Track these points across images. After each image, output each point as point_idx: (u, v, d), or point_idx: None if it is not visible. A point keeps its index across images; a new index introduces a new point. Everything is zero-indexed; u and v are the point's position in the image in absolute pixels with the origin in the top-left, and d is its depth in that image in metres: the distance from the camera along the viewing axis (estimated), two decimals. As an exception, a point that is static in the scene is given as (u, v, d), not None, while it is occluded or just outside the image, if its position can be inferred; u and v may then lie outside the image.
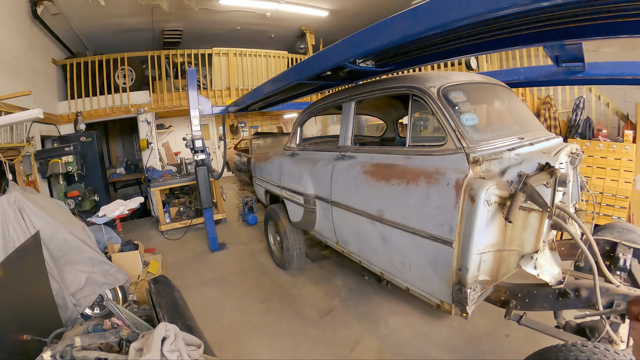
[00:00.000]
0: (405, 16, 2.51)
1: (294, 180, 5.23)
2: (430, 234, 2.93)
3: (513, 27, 2.78)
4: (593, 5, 2.19)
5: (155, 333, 2.33)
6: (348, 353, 4.02)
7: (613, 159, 6.78)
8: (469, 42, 3.26)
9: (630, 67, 4.62)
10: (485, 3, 2.07)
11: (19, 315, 2.94)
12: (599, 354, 2.12)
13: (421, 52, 3.65)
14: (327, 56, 3.74)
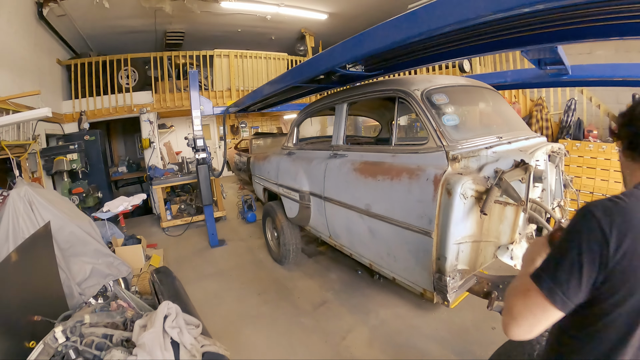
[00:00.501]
0: (386, 26, 2.76)
1: (290, 177, 5.42)
2: (412, 225, 3.13)
3: (491, 33, 2.92)
4: (562, 12, 2.36)
5: (158, 310, 2.56)
6: (339, 341, 4.21)
7: (603, 159, 6.92)
8: (450, 48, 3.44)
9: (613, 69, 4.82)
10: (433, 21, 2.38)
11: (31, 298, 3.12)
12: None
13: (406, 57, 3.83)
14: (319, 62, 3.96)
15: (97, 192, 8.67)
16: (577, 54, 8.78)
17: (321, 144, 5.42)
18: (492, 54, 4.14)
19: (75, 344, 2.38)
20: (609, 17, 2.44)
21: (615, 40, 2.87)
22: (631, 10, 2.25)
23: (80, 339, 2.42)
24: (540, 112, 8.20)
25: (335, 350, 4.08)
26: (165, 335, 2.44)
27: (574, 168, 7.34)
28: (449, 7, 2.28)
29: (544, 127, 8.20)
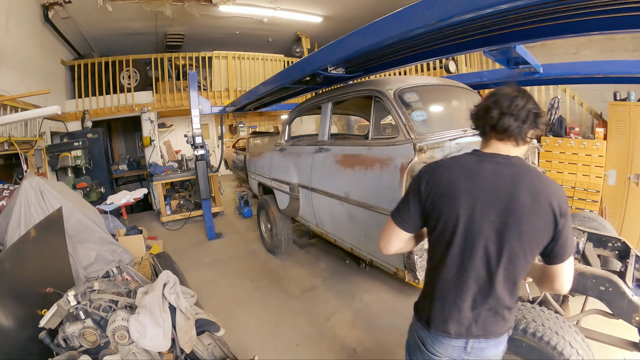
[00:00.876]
0: (357, 34, 3.16)
1: (281, 171, 5.78)
2: (383, 209, 3.50)
3: (452, 36, 3.22)
4: (507, 16, 2.58)
5: (159, 278, 2.96)
6: (324, 322, 4.59)
7: (584, 155, 7.14)
8: (417, 52, 3.76)
9: (582, 67, 5.08)
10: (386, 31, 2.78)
11: (44, 273, 3.43)
12: (524, 309, 2.58)
13: (381, 60, 4.16)
14: (303, 65, 4.37)
15: (100, 187, 8.98)
16: (564, 54, 9.10)
17: (309, 139, 5.77)
18: (457, 55, 4.40)
19: (85, 307, 2.74)
20: (562, 16, 2.64)
21: (572, 37, 3.08)
22: (580, 8, 2.43)
23: (90, 302, 2.79)
24: (525, 110, 8.41)
25: (319, 330, 4.44)
26: (164, 300, 2.82)
27: (556, 164, 7.60)
28: (400, 20, 2.66)
29: (527, 125, 8.38)
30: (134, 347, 2.60)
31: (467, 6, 2.15)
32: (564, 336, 2.34)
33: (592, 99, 7.93)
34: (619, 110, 6.64)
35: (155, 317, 2.63)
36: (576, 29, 2.73)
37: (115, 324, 2.58)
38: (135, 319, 2.58)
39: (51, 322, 2.67)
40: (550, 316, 2.51)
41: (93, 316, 2.74)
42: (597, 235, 3.82)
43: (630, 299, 2.67)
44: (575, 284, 2.72)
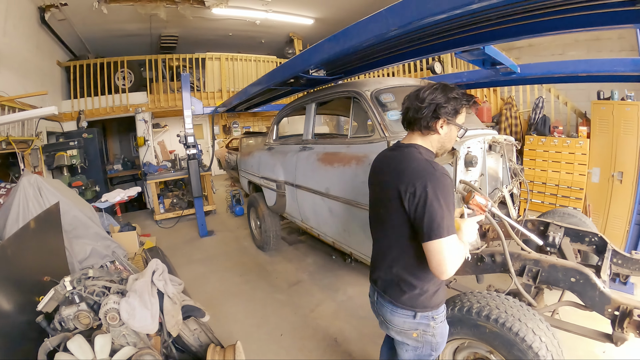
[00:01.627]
0: (331, 40, 3.40)
1: (269, 169, 5.99)
2: (359, 203, 3.74)
3: (419, 40, 3.34)
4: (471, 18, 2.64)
5: (148, 266, 3.23)
6: (308, 313, 4.82)
7: (567, 153, 7.29)
8: (392, 54, 3.91)
9: (557, 66, 5.23)
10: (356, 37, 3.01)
11: (41, 263, 3.63)
12: (488, 297, 2.68)
13: (360, 62, 4.31)
14: (285, 68, 4.59)
15: (95, 186, 9.21)
16: (550, 55, 9.24)
17: (296, 139, 5.91)
18: (429, 57, 4.53)
19: (80, 291, 2.98)
20: (528, 17, 2.70)
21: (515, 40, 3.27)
22: (542, 8, 2.49)
23: (84, 288, 3.03)
24: (510, 110, 8.68)
25: (303, 320, 4.66)
26: (153, 286, 3.09)
27: (539, 162, 7.77)
28: (366, 27, 2.87)
29: (513, 124, 8.68)
30: (124, 329, 2.84)
31: (420, 14, 2.35)
32: (526, 323, 2.42)
33: (579, 98, 8.09)
34: (602, 109, 6.78)
35: (144, 300, 2.89)
36: (543, 28, 2.79)
37: (107, 306, 2.82)
38: (126, 301, 2.83)
39: (48, 305, 2.89)
40: (514, 304, 2.59)
41: (87, 300, 2.97)
42: (575, 230, 3.91)
43: (602, 291, 2.71)
44: (546, 276, 2.95)
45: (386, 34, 2.72)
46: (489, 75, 5.57)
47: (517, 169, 4.44)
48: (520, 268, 3.10)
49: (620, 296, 2.68)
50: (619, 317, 2.61)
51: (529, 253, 3.12)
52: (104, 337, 2.73)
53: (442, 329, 2.31)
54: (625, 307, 2.59)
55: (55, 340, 2.71)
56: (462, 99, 2.11)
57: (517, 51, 10.05)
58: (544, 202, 7.71)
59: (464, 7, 2.12)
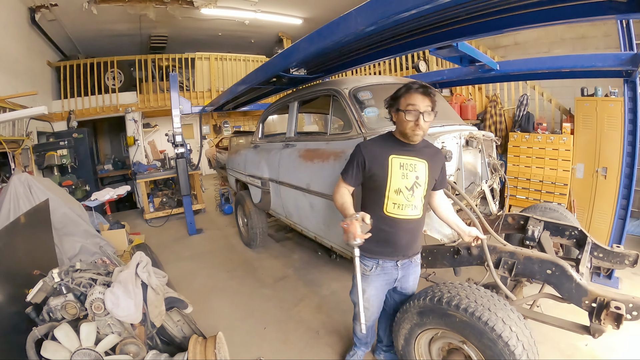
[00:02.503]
0: (306, 40, 3.57)
1: (254, 167, 6.11)
2: None
3: (392, 38, 3.52)
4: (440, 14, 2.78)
5: (133, 258, 3.38)
6: (292, 307, 4.97)
7: (551, 150, 7.35)
8: (367, 53, 4.11)
9: (536, 62, 5.34)
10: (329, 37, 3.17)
11: (31, 257, 3.75)
12: (459, 287, 2.75)
13: (338, 61, 4.53)
14: (266, 68, 4.79)
15: (85, 185, 9.29)
16: (536, 53, 9.29)
17: (280, 137, 6.03)
18: (403, 54, 4.59)
19: (67, 283, 3.12)
20: (500, 11, 2.80)
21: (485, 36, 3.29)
22: (508, 3, 2.63)
23: (72, 280, 3.17)
24: (495, 107, 8.74)
25: (287, 314, 4.80)
26: (137, 277, 3.23)
27: (523, 158, 7.84)
28: (337, 27, 3.05)
29: (497, 121, 8.74)
30: (109, 319, 2.98)
31: (385, 12, 2.51)
32: (496, 312, 2.47)
33: (564, 95, 8.11)
34: (585, 105, 6.85)
35: (128, 290, 3.04)
36: (516, 22, 2.92)
37: (93, 296, 2.96)
38: (110, 291, 2.98)
39: (37, 297, 3.01)
40: (484, 294, 2.65)
41: (74, 291, 3.11)
42: (554, 224, 4.02)
43: (578, 283, 2.77)
44: (522, 268, 3.07)
45: (356, 33, 2.87)
46: (468, 73, 5.71)
47: (497, 164, 4.49)
48: (496, 260, 3.20)
49: (598, 288, 2.75)
50: (596, 309, 2.67)
51: (504, 245, 3.22)
52: (89, 325, 2.86)
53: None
54: (602, 299, 2.64)
55: (43, 330, 2.84)
56: (400, 90, 2.70)
57: (502, 50, 10.13)
58: (528, 198, 7.78)
59: (420, 7, 2.28)
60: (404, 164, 2.72)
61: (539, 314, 3.17)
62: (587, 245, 3.63)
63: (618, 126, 6.09)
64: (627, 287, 5.11)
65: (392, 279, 3.04)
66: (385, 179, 2.73)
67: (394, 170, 2.70)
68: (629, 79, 4.91)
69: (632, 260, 3.53)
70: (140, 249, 4.97)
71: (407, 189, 2.73)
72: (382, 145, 2.81)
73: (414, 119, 2.58)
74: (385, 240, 2.83)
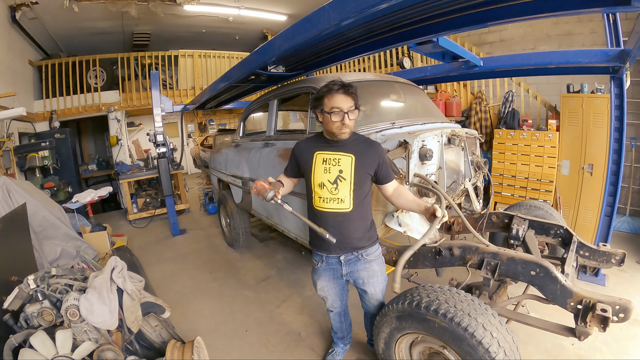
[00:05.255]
0: (281, 36, 3.57)
1: (235, 166, 6.07)
2: None
3: (373, 32, 3.47)
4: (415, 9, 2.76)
5: (108, 263, 3.37)
6: (274, 309, 4.96)
7: (537, 147, 7.38)
8: (347, 48, 4.08)
9: (522, 58, 5.31)
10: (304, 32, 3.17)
11: (9, 263, 3.70)
12: (438, 291, 2.75)
13: (317, 58, 4.48)
14: (243, 65, 4.74)
15: (68, 187, 9.21)
16: (522, 50, 9.28)
17: (260, 135, 5.99)
18: (382, 50, 4.53)
19: (43, 289, 3.12)
20: (471, 6, 2.82)
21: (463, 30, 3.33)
22: None
23: (47, 286, 3.17)
24: (480, 104, 8.75)
25: (269, 316, 4.80)
26: (112, 283, 3.23)
27: (509, 155, 7.86)
28: (311, 22, 3.03)
29: (483, 118, 8.76)
30: (85, 325, 2.97)
31: (356, 8, 2.51)
32: (476, 318, 2.45)
33: (550, 92, 8.21)
34: (571, 102, 6.89)
35: (103, 296, 3.04)
36: (499, 16, 2.90)
37: (68, 302, 2.96)
38: (85, 297, 2.98)
39: (13, 304, 3.01)
40: (464, 298, 2.64)
41: (50, 298, 3.11)
42: (539, 222, 3.99)
43: (563, 284, 2.71)
44: (505, 269, 3.01)
45: (331, 28, 2.88)
46: (452, 69, 5.74)
47: (481, 162, 4.49)
48: (478, 261, 3.16)
49: (583, 289, 2.69)
50: (582, 311, 2.62)
51: (487, 246, 3.18)
52: (65, 332, 2.86)
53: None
54: (588, 301, 2.59)
55: (20, 337, 2.82)
56: (320, 91, 2.82)
57: (488, 46, 10.14)
58: (514, 195, 7.83)
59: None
60: (327, 159, 2.90)
61: (523, 316, 3.14)
62: (572, 244, 3.62)
63: (604, 123, 6.13)
64: (614, 283, 5.16)
65: (338, 273, 3.18)
66: (310, 174, 2.99)
67: (317, 165, 2.95)
68: (616, 76, 4.93)
69: (619, 260, 3.52)
70: (121, 252, 4.98)
71: (330, 183, 2.89)
72: (311, 143, 3.09)
73: (339, 119, 2.77)
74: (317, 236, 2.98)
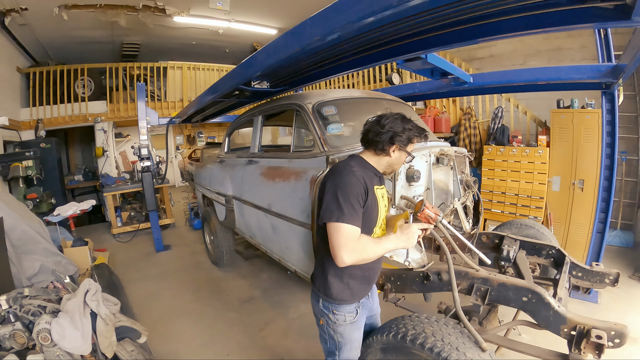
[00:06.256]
0: (262, 52, 3.55)
1: (218, 183, 6.00)
2: (297, 220, 3.73)
3: (356, 49, 3.43)
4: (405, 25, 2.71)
5: (81, 285, 3.30)
6: (257, 332, 4.87)
7: (526, 163, 7.42)
8: (331, 65, 3.98)
9: (512, 75, 5.32)
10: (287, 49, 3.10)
11: None
12: (425, 322, 2.61)
13: (302, 74, 4.39)
14: (226, 81, 4.71)
15: (51, 198, 9.01)
16: (511, 65, 9.36)
17: (244, 151, 5.94)
18: (370, 67, 4.49)
19: (16, 310, 3.05)
20: (464, 20, 2.73)
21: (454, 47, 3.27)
22: (480, 10, 2.53)
23: (20, 307, 3.10)
24: (469, 120, 8.81)
25: (252, 340, 4.71)
26: (86, 306, 3.15)
27: (498, 172, 7.88)
28: (292, 37, 3.01)
29: (472, 134, 8.80)
30: (57, 350, 2.90)
31: (337, 24, 2.46)
32: (465, 353, 2.34)
33: (540, 107, 8.25)
34: (561, 117, 6.96)
35: (75, 320, 2.96)
36: (488, 32, 2.82)
37: (40, 326, 2.89)
38: (56, 321, 2.90)
39: (-16, 325, 2.96)
40: (452, 331, 2.52)
41: (22, 319, 3.04)
42: (531, 243, 3.93)
43: (557, 310, 2.67)
44: (496, 295, 2.97)
45: (312, 44, 2.83)
46: (441, 86, 5.74)
47: (470, 181, 4.45)
48: (468, 287, 3.12)
49: (577, 315, 2.64)
50: (576, 338, 2.57)
51: (477, 271, 3.13)
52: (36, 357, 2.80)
53: (344, 329, 2.58)
54: (582, 327, 2.55)
55: (-11, 360, 2.77)
56: (415, 130, 2.47)
57: (478, 62, 10.21)
58: (504, 212, 7.84)
59: (369, 17, 2.23)
60: (383, 194, 2.65)
61: (513, 342, 3.04)
62: (565, 265, 3.58)
63: (595, 138, 6.17)
64: (607, 300, 5.18)
65: (367, 308, 2.82)
66: (377, 212, 2.52)
67: (380, 201, 2.55)
68: (607, 91, 4.93)
69: (613, 279, 3.48)
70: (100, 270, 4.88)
71: (384, 220, 2.68)
72: (367, 173, 2.49)
73: (409, 162, 2.65)
74: (370, 279, 2.68)
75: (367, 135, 2.53)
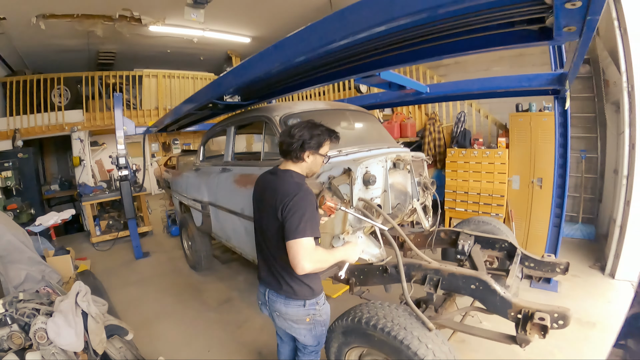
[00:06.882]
0: (230, 73, 3.91)
1: (195, 190, 6.31)
2: None
3: (319, 68, 3.64)
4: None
5: (72, 288, 3.65)
6: (235, 330, 5.21)
7: (487, 164, 7.80)
8: (295, 82, 4.22)
9: (467, 84, 5.74)
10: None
11: None
12: (378, 307, 2.98)
13: (270, 89, 4.66)
14: (200, 95, 5.02)
15: (31, 208, 9.23)
16: (476, 71, 9.80)
17: (219, 159, 6.27)
18: (330, 84, 4.74)
19: (12, 313, 3.34)
20: (415, 43, 2.94)
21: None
22: (426, 34, 2.74)
23: (16, 310, 3.38)
24: (433, 125, 9.22)
25: (231, 337, 5.05)
26: (77, 307, 3.49)
27: (461, 173, 8.27)
28: (260, 60, 3.31)
29: (436, 138, 9.21)
30: (53, 348, 3.23)
31: (293, 54, 2.84)
32: (412, 331, 2.67)
33: (501, 110, 8.59)
34: (520, 120, 7.40)
35: (69, 319, 3.29)
36: (434, 52, 3.02)
37: (36, 326, 3.21)
38: (52, 321, 3.24)
39: (-18, 328, 3.24)
40: (402, 313, 2.87)
41: (19, 322, 3.37)
42: (485, 237, 4.34)
43: (502, 296, 2.95)
44: (447, 284, 3.30)
45: (277, 67, 3.16)
46: (401, 96, 6.11)
47: (428, 182, 4.68)
48: (422, 277, 3.43)
49: (522, 300, 2.93)
50: (522, 320, 2.84)
51: (429, 263, 3.46)
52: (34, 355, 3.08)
53: (325, 308, 3.02)
54: (527, 311, 2.83)
55: (-12, 361, 3.05)
56: (324, 134, 2.82)
57: (444, 68, 10.67)
58: (467, 210, 8.24)
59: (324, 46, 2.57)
60: None
61: (466, 326, 3.42)
62: (516, 256, 3.92)
63: (552, 139, 6.39)
64: (567, 289, 5.57)
65: None
66: None
67: None
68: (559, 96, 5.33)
69: (563, 269, 3.83)
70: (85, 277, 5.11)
71: None
72: None
73: (326, 162, 3.00)
74: None
75: (282, 147, 2.86)
